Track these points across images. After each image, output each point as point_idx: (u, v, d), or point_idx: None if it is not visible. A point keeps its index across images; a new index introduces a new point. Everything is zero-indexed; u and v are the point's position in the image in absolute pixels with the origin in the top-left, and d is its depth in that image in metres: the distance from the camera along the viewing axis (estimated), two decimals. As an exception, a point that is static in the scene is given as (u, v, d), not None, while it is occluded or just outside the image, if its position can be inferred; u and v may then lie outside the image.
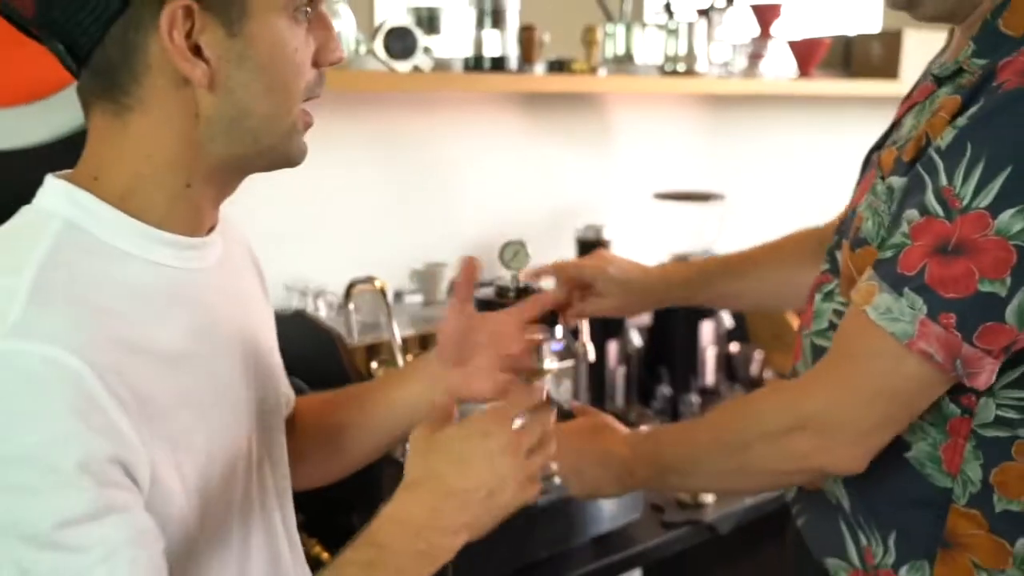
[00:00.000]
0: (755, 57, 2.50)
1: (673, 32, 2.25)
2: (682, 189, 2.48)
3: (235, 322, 0.90)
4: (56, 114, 1.54)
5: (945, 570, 1.06)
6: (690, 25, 2.25)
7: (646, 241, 2.42)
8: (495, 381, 1.07)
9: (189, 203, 0.83)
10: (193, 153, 0.81)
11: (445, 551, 0.85)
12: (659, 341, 2.20)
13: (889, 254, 0.98)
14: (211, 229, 0.87)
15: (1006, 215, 0.90)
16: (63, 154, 1.47)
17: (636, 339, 2.12)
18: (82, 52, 0.77)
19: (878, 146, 1.16)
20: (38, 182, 1.48)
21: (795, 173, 2.89)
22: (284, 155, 0.85)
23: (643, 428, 1.36)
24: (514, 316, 1.10)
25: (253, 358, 0.93)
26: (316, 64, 0.84)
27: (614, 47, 2.29)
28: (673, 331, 2.19)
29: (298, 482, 1.00)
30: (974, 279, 0.91)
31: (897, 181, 1.02)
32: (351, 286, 1.56)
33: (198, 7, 0.76)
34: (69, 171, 0.83)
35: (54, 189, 0.81)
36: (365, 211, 1.99)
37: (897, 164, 1.03)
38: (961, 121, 0.95)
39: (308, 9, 0.82)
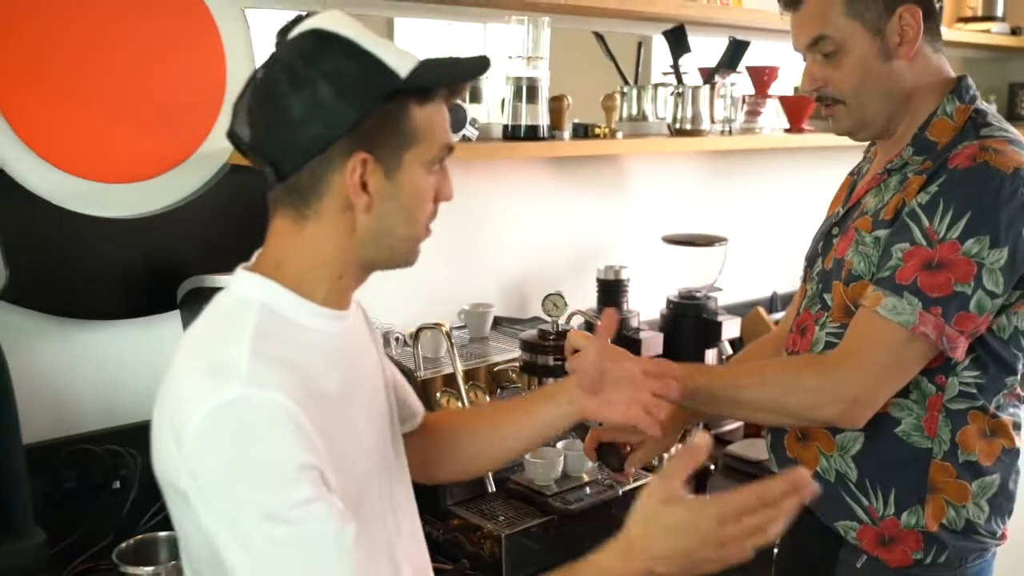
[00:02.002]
0: (752, 114, 2.76)
1: (681, 96, 2.50)
2: (689, 233, 2.66)
3: (366, 367, 1.18)
4: (166, 189, 1.83)
5: (930, 509, 1.44)
6: (695, 89, 2.49)
7: (658, 280, 2.63)
8: (626, 413, 1.25)
9: (341, 289, 1.11)
10: (347, 257, 1.08)
11: None
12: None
13: (887, 273, 1.38)
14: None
15: (969, 242, 1.33)
16: (173, 221, 1.79)
17: (649, 366, 2.38)
18: (285, 174, 1.04)
19: (837, 223, 1.56)
20: (153, 244, 1.73)
21: (789, 217, 3.11)
22: (406, 262, 1.14)
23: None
24: (640, 365, 1.29)
25: (380, 390, 1.21)
26: (435, 200, 1.12)
27: (629, 108, 2.57)
28: (681, 359, 2.37)
29: (425, 478, 1.28)
30: (951, 284, 1.33)
31: (883, 232, 1.42)
32: (419, 329, 1.82)
33: (371, 158, 1.03)
34: (251, 263, 1.10)
35: (249, 279, 1.07)
36: (421, 258, 2.21)
37: (878, 223, 1.44)
38: (932, 188, 1.38)
39: (439, 167, 1.10)
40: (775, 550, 1.73)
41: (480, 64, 1.10)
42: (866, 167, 1.64)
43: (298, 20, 1.07)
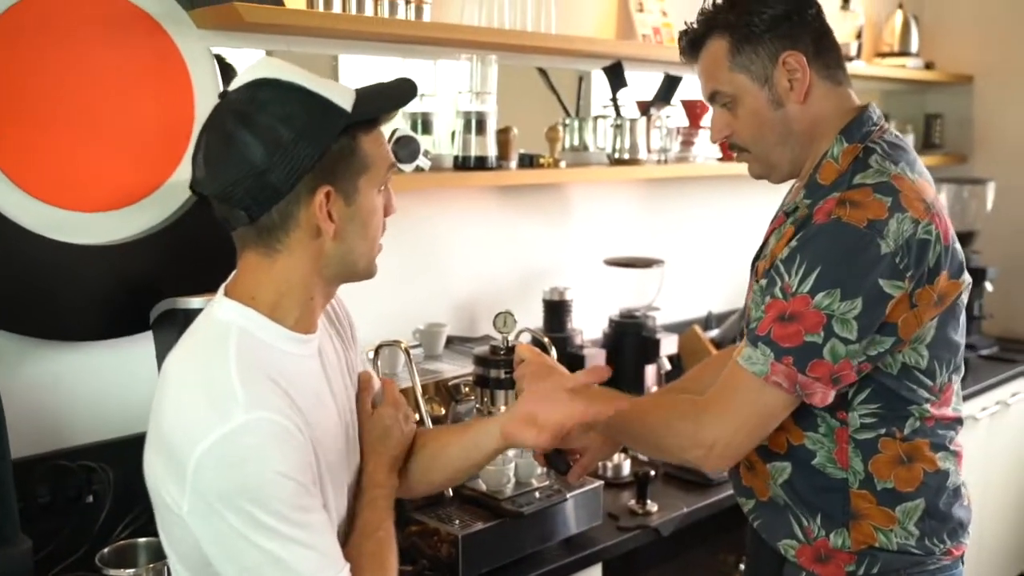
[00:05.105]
0: (686, 144, 2.90)
1: (619, 127, 2.65)
2: (628, 256, 2.79)
3: (332, 380, 1.27)
4: (138, 217, 1.91)
5: (857, 534, 1.49)
6: (632, 121, 2.65)
7: (600, 300, 2.75)
8: (537, 438, 1.33)
9: (310, 310, 1.21)
10: (316, 278, 1.19)
11: None
12: (611, 382, 2.55)
13: (753, 324, 1.44)
14: None
15: (820, 296, 1.37)
16: (145, 248, 1.88)
17: (593, 381, 2.50)
18: (256, 217, 1.13)
19: (757, 257, 1.63)
20: (127, 269, 1.79)
21: (722, 240, 3.25)
22: (367, 274, 1.25)
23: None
24: (572, 382, 1.44)
25: (346, 398, 1.31)
26: (384, 215, 1.24)
27: (571, 139, 2.72)
28: (623, 375, 2.56)
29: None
30: (801, 335, 1.38)
31: (763, 281, 1.48)
32: (379, 346, 1.92)
33: (333, 190, 1.14)
34: (228, 289, 1.19)
35: (228, 306, 1.17)
36: (378, 282, 2.28)
37: (765, 272, 1.50)
38: (793, 243, 1.43)
39: (384, 186, 1.23)
40: (741, 567, 1.85)
41: (409, 89, 1.22)
42: (784, 203, 1.65)
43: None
